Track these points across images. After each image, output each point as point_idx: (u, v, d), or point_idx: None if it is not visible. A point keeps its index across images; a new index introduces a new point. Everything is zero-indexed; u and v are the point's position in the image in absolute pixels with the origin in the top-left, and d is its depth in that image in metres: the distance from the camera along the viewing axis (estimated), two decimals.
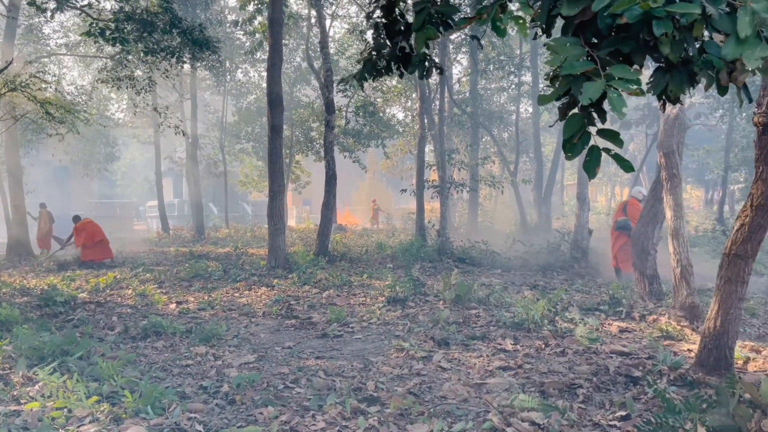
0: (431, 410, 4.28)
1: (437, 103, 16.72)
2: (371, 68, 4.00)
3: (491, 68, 20.86)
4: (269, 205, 12.33)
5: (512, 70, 20.94)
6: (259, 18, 16.74)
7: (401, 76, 4.06)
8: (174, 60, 11.89)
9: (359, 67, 4.29)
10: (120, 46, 11.49)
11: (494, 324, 7.04)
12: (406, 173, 37.34)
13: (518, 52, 22.58)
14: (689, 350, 5.82)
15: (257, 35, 17.46)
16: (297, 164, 25.92)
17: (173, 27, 11.32)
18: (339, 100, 19.29)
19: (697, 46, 2.55)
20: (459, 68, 27.42)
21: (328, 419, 4.09)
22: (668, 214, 7.41)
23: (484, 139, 27.21)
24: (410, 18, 3.66)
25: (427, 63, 3.86)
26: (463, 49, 22.25)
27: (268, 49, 12.65)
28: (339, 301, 8.67)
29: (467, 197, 23.58)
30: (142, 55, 11.98)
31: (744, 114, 17.35)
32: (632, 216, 10.43)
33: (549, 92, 2.75)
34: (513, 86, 23.69)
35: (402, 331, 6.79)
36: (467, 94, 23.12)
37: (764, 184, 4.73)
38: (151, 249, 19.02)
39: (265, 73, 22.45)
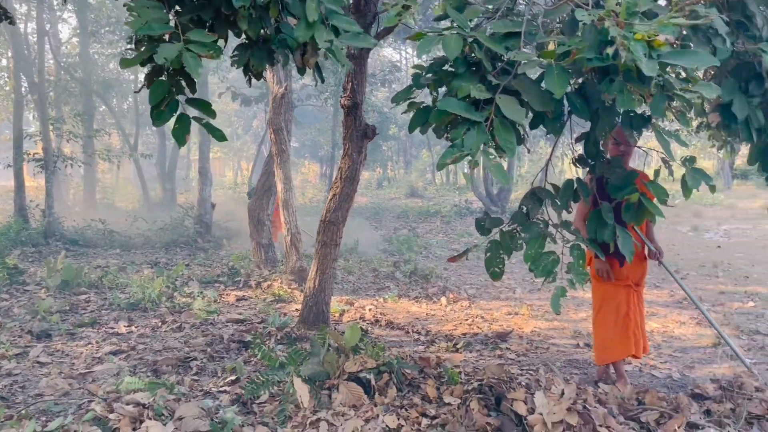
0: (22, 412, 3.76)
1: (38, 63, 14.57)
2: None
3: (104, 31, 19.13)
4: None
5: (124, 35, 19.57)
6: None
7: None
8: None
9: None
10: None
11: (107, 307, 6.57)
12: (3, 144, 31.83)
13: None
14: (296, 310, 6.39)
15: None
16: None
17: None
18: None
19: (274, 26, 2.74)
20: (68, 28, 24.46)
21: None
22: (279, 186, 7.97)
23: (101, 109, 24.97)
24: None
25: None
26: (71, 6, 19.85)
27: None
28: None
29: (83, 172, 21.39)
30: None
31: None
32: None
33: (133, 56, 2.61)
34: (127, 52, 22.19)
35: None
36: (78, 58, 20.77)
37: (350, 159, 5.42)
38: None
39: None
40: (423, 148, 35.09)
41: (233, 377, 4.30)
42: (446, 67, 2.82)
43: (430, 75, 2.81)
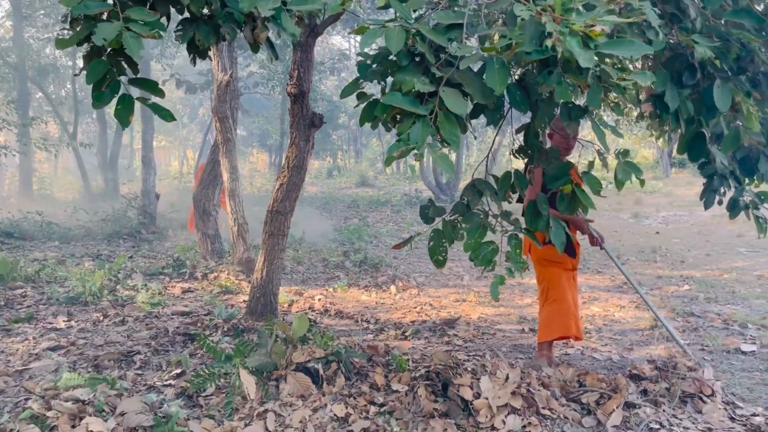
0: None
1: None
2: None
3: (39, 14, 18.32)
4: None
5: (60, 18, 18.78)
6: None
7: None
8: None
9: None
10: None
11: (45, 302, 6.33)
12: None
13: None
14: (244, 301, 6.30)
15: None
16: None
17: None
18: None
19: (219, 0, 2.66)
20: (0, 11, 23.29)
21: None
22: (225, 176, 7.83)
23: (37, 96, 23.94)
24: None
25: None
26: None
27: None
28: None
29: (19, 162, 20.49)
30: None
31: None
32: None
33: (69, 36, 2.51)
34: (64, 33, 21.28)
35: None
36: (11, 42, 19.82)
37: (297, 148, 5.37)
38: None
39: None
40: (373, 137, 35.11)
41: (178, 370, 4.22)
42: (392, 56, 2.81)
43: (375, 66, 2.79)
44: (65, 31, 2.53)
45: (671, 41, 3.04)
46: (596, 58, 2.20)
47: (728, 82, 3.08)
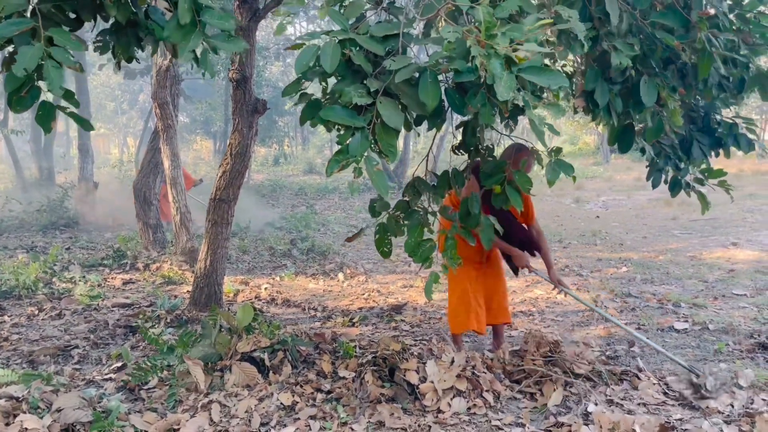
0: None
1: None
2: None
3: None
4: None
5: None
6: None
7: None
8: None
9: None
10: None
11: None
12: None
13: None
14: (187, 292, 6.16)
15: None
16: None
17: None
18: None
19: (144, 10, 2.59)
20: None
21: None
22: (166, 163, 7.61)
23: None
24: None
25: None
26: None
27: None
28: None
29: None
30: None
31: None
32: None
33: None
34: None
35: None
36: None
37: (240, 135, 5.27)
38: None
39: None
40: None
41: (119, 364, 4.11)
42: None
43: (318, 68, 2.73)
44: None
45: (601, 39, 3.11)
46: (518, 84, 2.25)
47: (655, 77, 3.19)
